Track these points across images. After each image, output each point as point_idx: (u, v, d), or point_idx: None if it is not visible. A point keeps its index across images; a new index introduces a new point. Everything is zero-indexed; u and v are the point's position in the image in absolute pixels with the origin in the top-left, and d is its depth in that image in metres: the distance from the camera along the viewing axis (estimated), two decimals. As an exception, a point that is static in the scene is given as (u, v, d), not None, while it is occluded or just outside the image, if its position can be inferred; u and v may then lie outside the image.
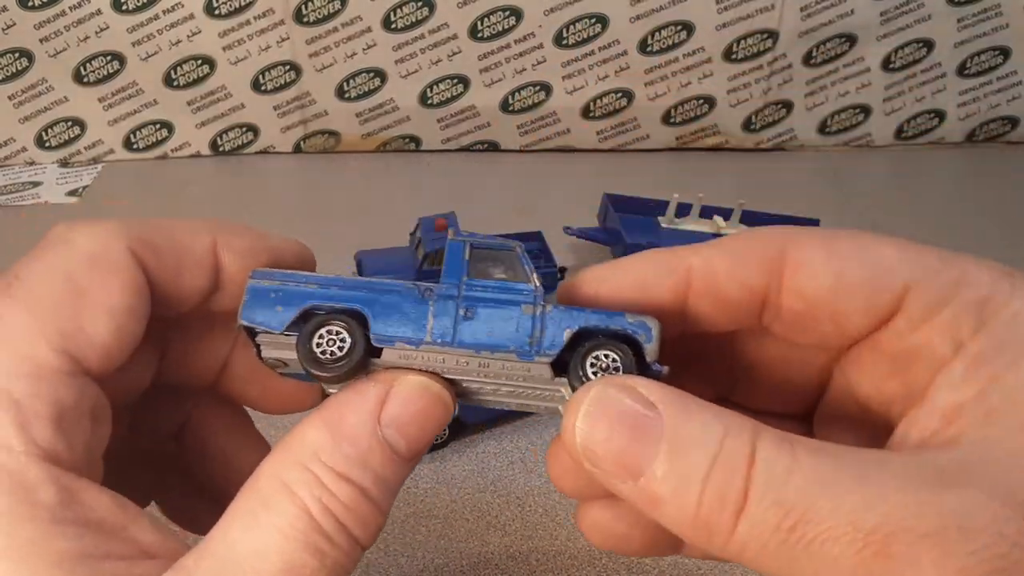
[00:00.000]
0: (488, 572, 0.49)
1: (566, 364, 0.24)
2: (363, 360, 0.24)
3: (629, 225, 0.76)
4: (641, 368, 0.24)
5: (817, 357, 0.28)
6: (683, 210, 0.80)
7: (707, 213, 0.81)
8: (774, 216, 0.82)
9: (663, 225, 0.80)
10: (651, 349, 0.24)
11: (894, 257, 0.24)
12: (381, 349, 0.24)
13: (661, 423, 0.21)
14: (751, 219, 0.81)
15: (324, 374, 0.24)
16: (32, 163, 1.02)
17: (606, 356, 0.24)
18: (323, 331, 0.23)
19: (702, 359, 0.29)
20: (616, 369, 0.23)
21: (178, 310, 0.26)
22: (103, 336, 0.23)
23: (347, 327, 0.23)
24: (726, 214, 0.80)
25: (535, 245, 0.77)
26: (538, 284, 0.24)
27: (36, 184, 0.97)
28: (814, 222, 0.82)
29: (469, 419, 0.58)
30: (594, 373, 0.24)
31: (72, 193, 0.96)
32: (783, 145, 1.08)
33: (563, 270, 0.74)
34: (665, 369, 0.24)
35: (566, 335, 0.24)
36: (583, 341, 0.24)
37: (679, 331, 0.26)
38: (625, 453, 0.21)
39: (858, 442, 0.23)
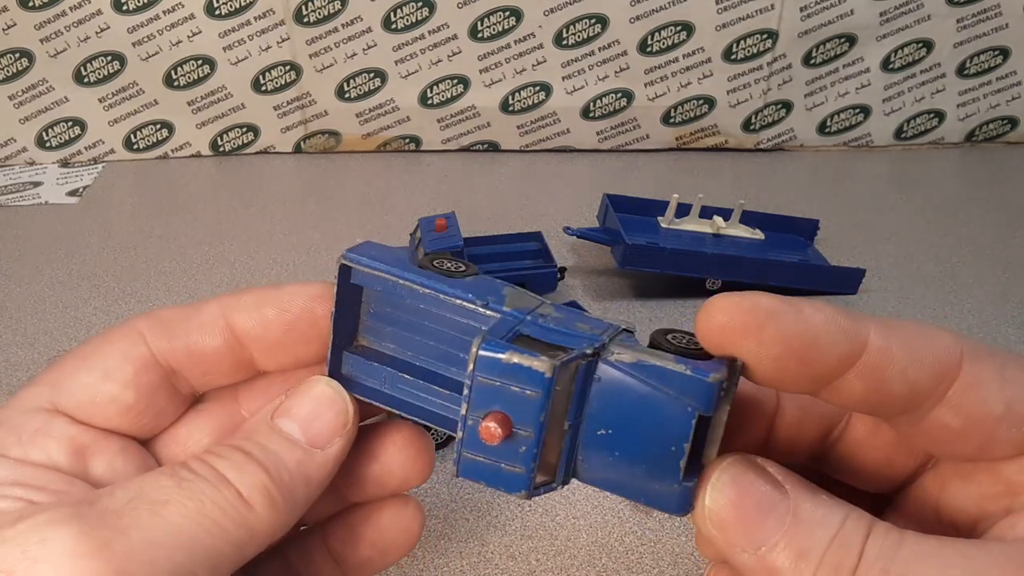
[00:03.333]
0: (488, 572, 0.49)
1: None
2: None
3: (629, 225, 0.76)
4: None
5: (916, 457, 0.28)
6: (683, 210, 0.80)
7: (707, 213, 0.81)
8: (774, 216, 0.82)
9: (663, 225, 0.80)
10: None
11: None
12: None
13: (788, 501, 0.23)
14: (751, 219, 0.81)
15: None
16: (32, 163, 1.02)
17: None
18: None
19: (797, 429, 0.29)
20: None
21: (212, 374, 0.27)
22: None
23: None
24: (726, 214, 0.80)
25: (535, 245, 0.77)
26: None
27: (36, 184, 0.98)
28: (814, 222, 0.82)
29: None
30: None
31: (72, 193, 0.96)
32: (783, 145, 1.08)
33: (563, 270, 0.74)
34: None
35: None
36: None
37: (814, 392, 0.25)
38: (752, 522, 0.23)
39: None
